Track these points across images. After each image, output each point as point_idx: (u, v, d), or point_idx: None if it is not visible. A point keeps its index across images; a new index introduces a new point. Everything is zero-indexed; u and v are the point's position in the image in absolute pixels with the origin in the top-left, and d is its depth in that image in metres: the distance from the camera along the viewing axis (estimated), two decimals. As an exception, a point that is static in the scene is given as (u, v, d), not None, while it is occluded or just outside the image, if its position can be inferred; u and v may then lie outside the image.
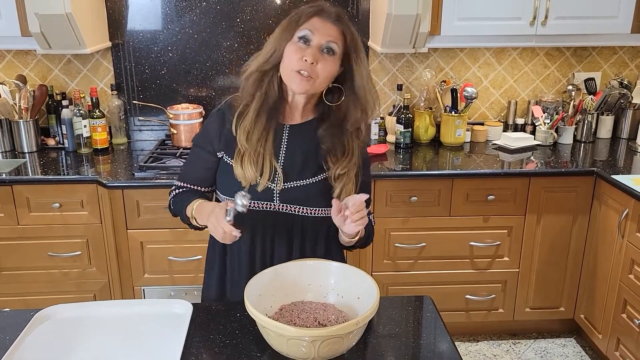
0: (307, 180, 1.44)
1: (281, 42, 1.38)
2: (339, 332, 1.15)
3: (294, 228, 1.47)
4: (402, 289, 2.71)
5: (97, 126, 2.78)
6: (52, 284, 2.59)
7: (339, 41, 1.37)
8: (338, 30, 1.37)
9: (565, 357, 2.78)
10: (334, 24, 1.37)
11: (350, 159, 1.43)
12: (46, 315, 1.40)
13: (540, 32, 2.69)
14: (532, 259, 2.71)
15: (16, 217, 2.49)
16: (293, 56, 1.35)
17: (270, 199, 1.43)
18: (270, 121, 1.42)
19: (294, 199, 1.43)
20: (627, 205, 2.36)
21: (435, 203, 2.60)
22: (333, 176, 1.43)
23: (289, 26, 1.37)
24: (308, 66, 1.34)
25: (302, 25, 1.36)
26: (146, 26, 2.88)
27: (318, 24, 1.36)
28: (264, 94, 1.41)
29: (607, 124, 3.07)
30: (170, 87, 2.97)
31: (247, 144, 1.40)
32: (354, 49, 1.39)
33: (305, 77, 1.35)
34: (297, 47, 1.36)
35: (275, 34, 1.40)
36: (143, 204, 2.47)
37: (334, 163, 1.43)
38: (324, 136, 1.44)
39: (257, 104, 1.42)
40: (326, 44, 1.35)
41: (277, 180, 1.43)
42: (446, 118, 2.92)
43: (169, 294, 2.62)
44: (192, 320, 1.40)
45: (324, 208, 1.44)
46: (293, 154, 1.45)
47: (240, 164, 1.41)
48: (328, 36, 1.36)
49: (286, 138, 1.46)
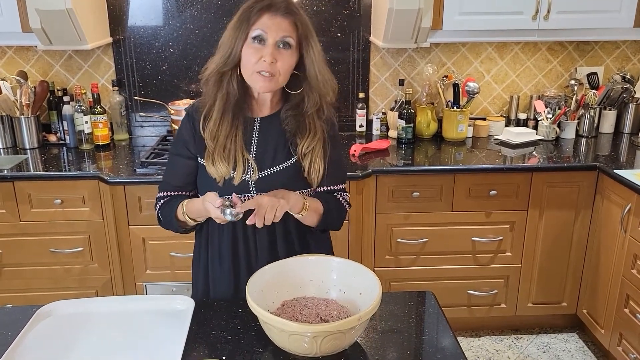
0: (280, 165, 1.47)
1: (236, 43, 1.37)
2: (341, 327, 1.15)
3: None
4: (404, 284, 2.70)
5: (98, 122, 2.78)
6: (54, 280, 2.60)
7: (293, 33, 1.37)
8: (290, 22, 1.36)
9: (568, 352, 2.78)
10: (285, 17, 1.36)
11: (313, 137, 1.45)
12: (48, 312, 1.40)
13: (542, 27, 2.67)
14: (535, 254, 2.71)
15: (18, 214, 2.49)
16: (251, 58, 1.36)
17: (247, 190, 1.45)
18: (236, 118, 1.44)
19: (270, 186, 1.45)
20: (629, 200, 2.35)
21: (438, 198, 2.59)
22: (300, 155, 1.46)
23: (241, 26, 1.36)
24: (268, 66, 1.35)
25: (254, 24, 1.35)
26: (147, 22, 2.87)
27: (269, 21, 1.35)
28: (225, 94, 1.42)
29: (609, 119, 3.06)
30: (172, 82, 2.96)
31: (213, 144, 1.43)
32: (305, 37, 1.39)
33: (267, 77, 1.37)
34: (254, 48, 1.36)
35: (228, 34, 1.39)
36: (145, 200, 2.47)
37: (300, 142, 1.45)
38: (286, 118, 1.47)
39: (219, 104, 1.43)
40: (281, 39, 1.35)
41: (251, 171, 1.45)
42: (448, 113, 2.91)
43: (171, 289, 2.62)
44: (194, 316, 1.40)
45: (301, 190, 1.48)
46: (265, 145, 1.47)
47: (212, 162, 1.43)
48: (282, 31, 1.35)
49: (257, 131, 1.48)
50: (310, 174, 1.46)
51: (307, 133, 1.45)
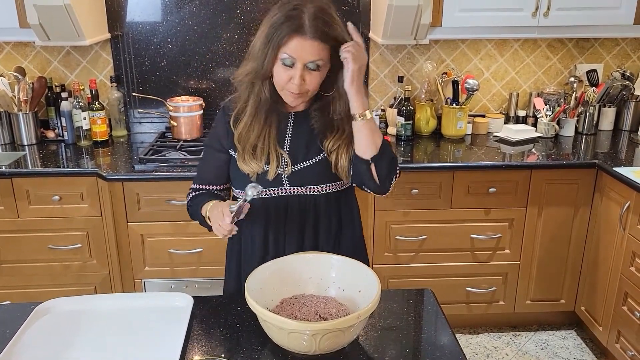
0: (312, 159, 1.47)
1: (266, 60, 1.35)
2: (340, 325, 1.14)
3: (307, 208, 1.49)
4: (403, 281, 2.70)
5: (96, 118, 2.77)
6: (52, 276, 2.59)
7: (322, 54, 1.34)
8: (319, 46, 1.32)
9: (566, 349, 2.78)
10: (314, 40, 1.31)
11: (340, 135, 1.46)
12: (46, 309, 1.40)
13: (542, 24, 2.67)
14: (533, 251, 2.71)
15: (16, 210, 2.48)
16: (281, 76, 1.36)
17: (280, 184, 1.47)
18: (269, 117, 1.45)
19: (303, 180, 1.47)
20: (628, 198, 2.35)
21: (437, 195, 2.59)
22: (327, 150, 1.47)
23: (270, 44, 1.34)
24: (297, 86, 1.35)
25: (282, 47, 1.33)
26: (145, 18, 2.86)
27: (298, 47, 1.32)
28: (258, 99, 1.43)
29: (609, 116, 3.06)
30: (170, 79, 2.95)
31: (241, 146, 1.45)
32: (338, 42, 1.36)
33: (297, 94, 1.37)
34: (283, 69, 1.35)
35: (258, 47, 1.37)
36: (143, 197, 2.47)
37: (327, 138, 1.46)
38: (315, 116, 1.47)
39: (252, 108, 1.44)
40: (310, 63, 1.34)
41: (285, 165, 1.46)
42: (447, 110, 2.91)
43: (170, 286, 2.62)
44: (193, 313, 1.40)
45: (333, 183, 1.49)
46: (298, 139, 1.48)
47: (243, 160, 1.45)
48: (310, 56, 1.33)
49: (291, 125, 1.49)
50: (338, 169, 1.47)
51: (335, 132, 1.46)
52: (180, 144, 2.73)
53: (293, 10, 1.32)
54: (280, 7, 1.35)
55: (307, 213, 1.49)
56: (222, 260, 2.56)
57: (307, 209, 1.49)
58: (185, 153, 2.63)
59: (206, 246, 2.55)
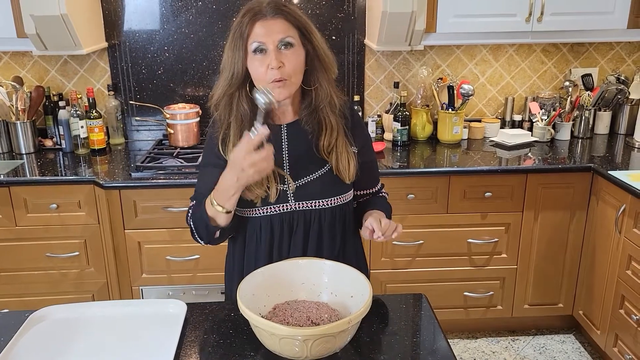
0: (315, 173, 1.45)
1: (236, 61, 1.34)
2: (331, 330, 1.15)
3: (312, 223, 1.46)
4: (400, 286, 2.71)
5: (94, 127, 2.79)
6: (50, 284, 2.60)
7: (289, 30, 1.34)
8: (283, 21, 1.33)
9: (564, 353, 2.78)
10: (275, 18, 1.33)
11: (331, 132, 1.43)
12: (41, 316, 1.41)
13: (536, 29, 2.68)
14: (530, 255, 2.71)
15: (14, 218, 2.49)
16: (259, 69, 1.34)
17: (285, 200, 1.44)
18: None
19: (307, 195, 1.44)
20: (624, 201, 2.36)
21: (433, 200, 2.60)
22: (324, 153, 1.44)
23: (237, 44, 1.34)
24: (277, 72, 1.32)
25: (249, 37, 1.32)
26: (142, 26, 2.88)
27: (262, 29, 1.32)
28: (239, 116, 1.40)
29: (604, 120, 3.07)
30: (167, 87, 2.97)
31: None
32: (304, 27, 1.36)
33: (280, 83, 1.34)
34: (258, 60, 1.33)
35: (227, 56, 1.37)
36: (140, 204, 2.48)
37: (320, 140, 1.44)
38: (304, 118, 1.45)
39: (235, 128, 1.40)
40: (280, 41, 1.33)
41: (288, 183, 1.43)
42: (443, 115, 2.92)
43: (167, 293, 2.62)
44: (186, 320, 1.40)
45: (338, 196, 1.47)
46: (296, 152, 1.45)
47: (246, 188, 1.37)
48: (277, 33, 1.32)
49: (285, 138, 1.46)
50: (340, 170, 1.44)
51: (324, 129, 1.43)
52: (177, 151, 2.74)
53: (251, 5, 1.35)
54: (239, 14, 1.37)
55: (311, 227, 1.47)
56: (219, 266, 2.56)
57: (312, 223, 1.46)
58: (182, 160, 2.64)
59: (203, 253, 2.56)
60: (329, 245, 1.49)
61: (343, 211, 1.50)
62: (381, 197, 1.63)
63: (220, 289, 2.63)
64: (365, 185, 1.57)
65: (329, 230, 1.49)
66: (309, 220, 1.46)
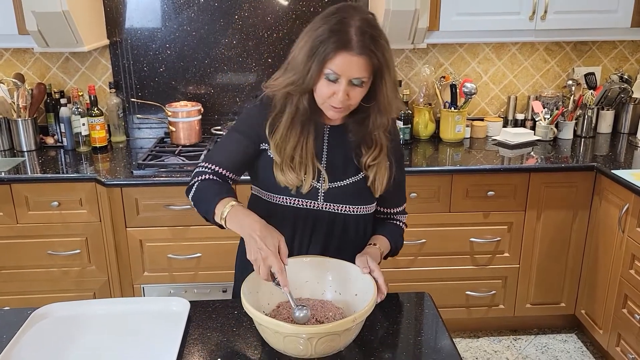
0: (349, 179, 1.44)
1: (309, 75, 1.30)
2: (335, 329, 1.14)
3: (335, 227, 1.46)
4: (402, 285, 2.70)
5: (95, 124, 2.78)
6: (51, 282, 2.59)
7: (367, 71, 1.29)
8: (365, 62, 1.27)
9: (566, 352, 2.77)
10: (361, 56, 1.26)
11: (379, 151, 1.43)
12: (43, 314, 1.40)
13: (539, 27, 2.67)
14: (533, 254, 2.70)
15: (15, 216, 2.49)
16: (324, 91, 1.31)
17: (315, 197, 1.43)
18: (306, 127, 1.39)
19: (337, 198, 1.43)
20: (627, 200, 2.35)
21: (435, 199, 2.59)
22: (364, 166, 1.44)
23: (314, 59, 1.28)
24: (340, 102, 1.30)
25: (327, 63, 1.27)
26: (144, 24, 2.87)
27: (342, 63, 1.26)
28: (295, 109, 1.38)
29: (607, 119, 3.06)
30: (169, 84, 2.96)
31: (280, 157, 1.39)
32: (380, 71, 1.31)
33: (339, 109, 1.33)
34: (326, 84, 1.30)
35: (300, 60, 1.31)
36: (142, 202, 2.47)
37: (365, 153, 1.43)
38: (352, 129, 1.43)
39: (288, 119, 1.38)
40: (355, 79, 1.28)
41: (322, 180, 1.42)
42: (446, 114, 2.91)
43: (169, 292, 2.62)
44: (190, 318, 1.40)
45: (365, 205, 1.47)
46: (334, 154, 1.45)
47: (281, 171, 1.39)
48: (356, 72, 1.27)
49: (327, 139, 1.45)
50: (375, 185, 1.44)
51: (373, 147, 1.42)
52: (179, 149, 2.73)
53: (338, 24, 1.26)
54: (325, 20, 1.29)
55: (334, 230, 1.46)
56: (221, 265, 2.57)
57: (336, 226, 1.46)
58: (183, 158, 2.64)
59: (205, 251, 2.55)
60: (350, 251, 1.47)
61: (365, 221, 1.50)
62: (397, 227, 1.60)
63: (221, 287, 2.62)
64: (386, 202, 1.55)
65: (351, 236, 1.49)
66: (333, 222, 1.46)
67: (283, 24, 2.89)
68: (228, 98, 3.01)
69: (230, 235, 2.52)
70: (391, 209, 1.58)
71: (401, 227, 1.61)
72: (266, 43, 2.92)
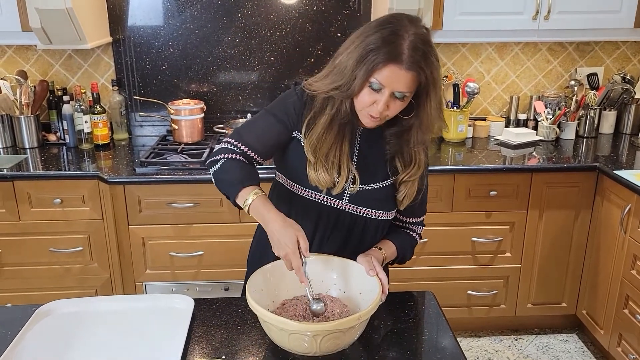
0: (377, 184, 1.44)
1: (355, 81, 1.27)
2: (341, 326, 1.14)
3: (355, 228, 1.46)
4: (403, 284, 2.69)
5: (98, 122, 2.78)
6: (54, 279, 2.59)
7: (412, 87, 1.27)
8: (413, 77, 1.25)
9: (567, 352, 2.77)
10: (409, 71, 1.23)
11: (418, 169, 1.42)
12: (47, 311, 1.40)
13: (542, 27, 2.67)
14: (534, 254, 2.71)
15: (17, 213, 2.49)
16: (365, 99, 1.29)
17: (340, 197, 1.42)
18: (341, 131, 1.38)
19: (362, 201, 1.43)
20: (629, 201, 2.35)
21: (437, 199, 2.59)
22: (399, 181, 1.43)
23: (362, 66, 1.25)
24: (379, 112, 1.29)
25: (374, 73, 1.25)
26: (147, 21, 2.87)
27: (389, 76, 1.24)
28: (336, 111, 1.36)
29: (609, 119, 3.06)
30: (172, 82, 2.96)
31: (314, 157, 1.37)
32: (426, 90, 1.29)
33: (376, 118, 1.32)
34: (369, 92, 1.28)
35: (348, 66, 1.28)
36: (144, 200, 2.47)
37: (402, 169, 1.42)
38: (391, 139, 1.42)
39: (327, 119, 1.36)
40: (398, 93, 1.27)
41: (352, 182, 1.41)
42: (448, 113, 2.91)
43: (171, 289, 2.62)
44: (194, 315, 1.40)
45: (387, 212, 1.46)
46: (365, 157, 1.44)
47: (314, 169, 1.37)
48: (401, 87, 1.25)
49: (358, 140, 1.44)
50: (404, 199, 1.44)
51: (412, 164, 1.41)
52: (182, 147, 2.73)
53: (392, 35, 1.23)
54: (378, 28, 1.26)
55: (354, 231, 1.46)
56: (223, 263, 2.57)
57: (356, 228, 1.46)
58: (186, 156, 2.64)
59: (207, 249, 2.55)
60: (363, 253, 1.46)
61: (385, 226, 1.51)
62: (411, 237, 1.58)
63: (224, 285, 2.63)
64: (406, 212, 1.52)
65: (369, 239, 1.48)
66: (354, 223, 1.45)
67: (286, 23, 2.89)
68: (231, 96, 3.01)
69: (233, 233, 2.54)
70: (410, 219, 1.57)
71: (414, 239, 1.59)
72: (269, 41, 2.92)
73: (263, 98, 3.00)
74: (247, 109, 3.02)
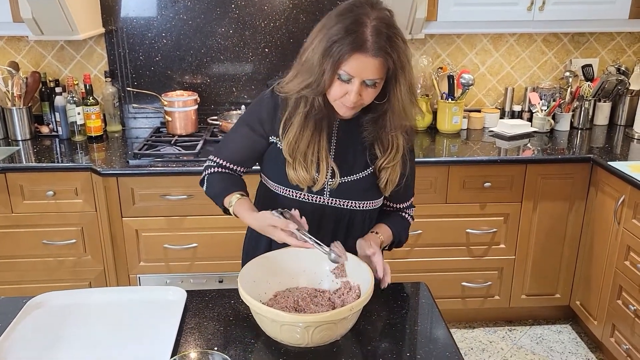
0: (357, 174, 1.43)
1: (324, 76, 1.27)
2: (332, 318, 1.14)
3: (341, 222, 1.46)
4: (398, 276, 2.66)
5: (91, 113, 2.76)
6: (47, 272, 2.58)
7: (381, 72, 1.26)
8: (380, 63, 1.24)
9: (561, 343, 2.79)
10: (376, 57, 1.23)
11: (396, 153, 1.41)
12: (38, 303, 1.39)
13: (537, 18, 2.67)
14: (528, 246, 2.71)
15: (10, 205, 2.47)
16: (337, 91, 1.29)
17: (321, 193, 1.42)
18: (318, 126, 1.38)
19: (344, 194, 1.43)
20: (623, 192, 2.36)
21: (432, 190, 2.59)
22: (378, 167, 1.42)
23: (329, 59, 1.24)
24: (351, 102, 1.29)
25: (342, 64, 1.24)
26: (140, 12, 2.85)
27: (357, 65, 1.24)
28: (310, 108, 1.36)
29: (604, 111, 3.06)
30: (165, 74, 2.94)
31: (292, 157, 1.38)
32: (395, 74, 1.28)
33: (351, 107, 1.32)
34: (339, 84, 1.28)
35: (314, 62, 1.27)
36: (138, 192, 2.46)
37: (381, 155, 1.41)
38: (368, 126, 1.40)
39: (301, 118, 1.36)
40: (368, 80, 1.26)
41: (331, 177, 1.41)
42: (443, 105, 2.90)
43: (165, 282, 2.61)
44: (186, 307, 1.39)
45: (372, 201, 1.46)
46: (344, 148, 1.43)
47: (293, 169, 1.38)
48: (370, 74, 1.25)
49: (336, 132, 1.43)
50: (387, 185, 1.43)
51: (390, 149, 1.40)
52: (175, 139, 2.72)
53: (354, 24, 1.22)
54: (340, 18, 1.25)
55: (340, 225, 1.46)
56: (217, 255, 2.57)
57: (342, 222, 1.46)
58: (180, 148, 2.62)
59: (201, 241, 2.55)
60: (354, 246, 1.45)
61: (372, 217, 1.50)
62: (404, 219, 1.58)
63: (217, 277, 2.62)
64: (393, 198, 1.53)
65: (357, 232, 1.48)
66: (339, 218, 1.45)
67: (280, 14, 2.87)
68: (224, 88, 2.99)
69: (226, 225, 2.53)
70: (398, 204, 1.57)
71: (407, 220, 1.59)
72: (263, 32, 2.90)
73: (257, 89, 2.99)
74: (241, 101, 3.00)
